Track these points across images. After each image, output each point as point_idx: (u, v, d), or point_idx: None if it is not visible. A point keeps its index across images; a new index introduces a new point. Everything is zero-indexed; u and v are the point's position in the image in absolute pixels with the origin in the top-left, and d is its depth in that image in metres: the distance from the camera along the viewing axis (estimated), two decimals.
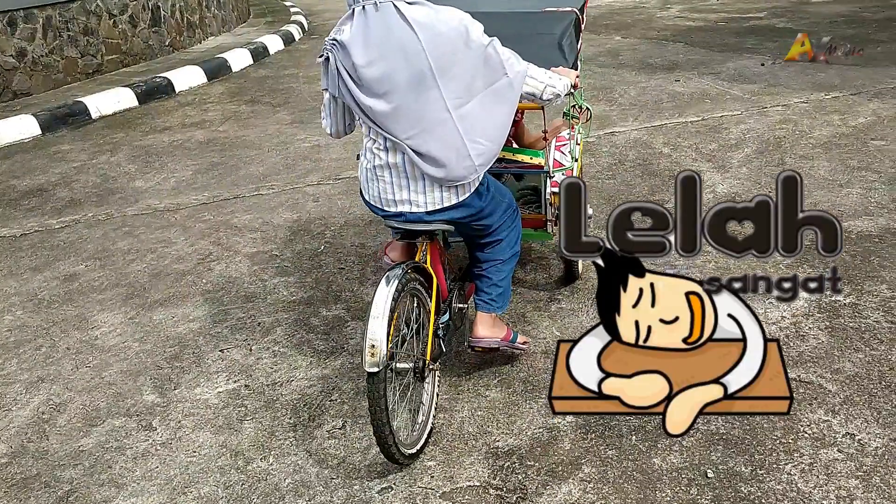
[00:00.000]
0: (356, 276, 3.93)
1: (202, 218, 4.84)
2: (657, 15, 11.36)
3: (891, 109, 5.97)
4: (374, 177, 2.62)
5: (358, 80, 2.41)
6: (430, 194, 2.56)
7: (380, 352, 2.32)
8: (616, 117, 6.30)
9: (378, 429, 2.38)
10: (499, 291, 2.89)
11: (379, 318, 2.34)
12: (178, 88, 8.27)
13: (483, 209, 2.70)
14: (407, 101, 2.41)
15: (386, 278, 2.44)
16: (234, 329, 3.51)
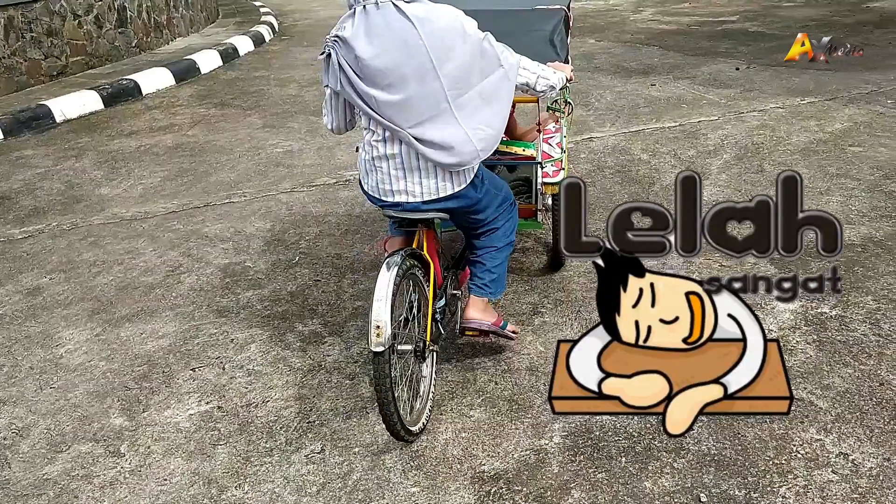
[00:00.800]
0: (332, 289, 3.81)
1: (171, 227, 4.69)
2: (630, 18, 11.36)
3: (866, 115, 5.98)
4: (373, 168, 2.72)
5: (360, 73, 2.51)
6: (426, 184, 2.67)
7: (385, 332, 2.41)
8: (593, 123, 6.24)
9: (384, 407, 2.48)
10: (492, 277, 2.97)
11: (382, 301, 2.44)
12: (145, 91, 8.08)
13: (479, 201, 2.81)
14: (409, 92, 2.51)
15: (386, 264, 2.54)
16: (205, 346, 3.38)
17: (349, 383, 3.04)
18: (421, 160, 2.63)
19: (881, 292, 3.46)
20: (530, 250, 4.06)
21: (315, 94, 7.78)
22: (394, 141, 2.61)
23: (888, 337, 3.13)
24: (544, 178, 3.37)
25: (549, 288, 3.68)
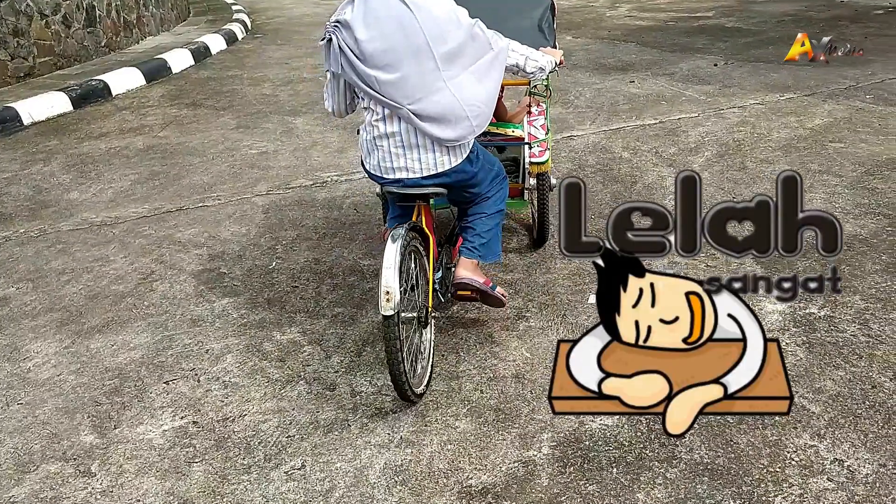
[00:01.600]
0: (311, 296, 3.70)
1: (143, 232, 4.55)
2: (607, 14, 11.32)
3: (845, 111, 5.97)
4: (374, 147, 2.89)
5: (361, 55, 2.70)
6: (425, 160, 2.85)
7: (394, 297, 2.58)
8: (573, 120, 6.17)
9: (393, 368, 2.65)
10: (482, 241, 3.12)
11: (391, 268, 2.61)
12: (115, 92, 7.89)
13: (475, 175, 3.01)
14: (407, 71, 2.71)
15: (391, 237, 2.70)
16: (179, 357, 3.26)
17: (330, 394, 2.94)
18: (419, 137, 2.82)
19: (869, 291, 3.42)
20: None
21: (289, 94, 7.65)
22: (393, 120, 2.81)
23: (878, 337, 3.08)
24: (531, 158, 3.64)
25: (534, 291, 3.60)
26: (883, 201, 4.32)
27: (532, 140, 3.64)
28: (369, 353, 3.20)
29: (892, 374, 2.85)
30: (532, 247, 4.03)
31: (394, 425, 2.74)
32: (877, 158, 4.96)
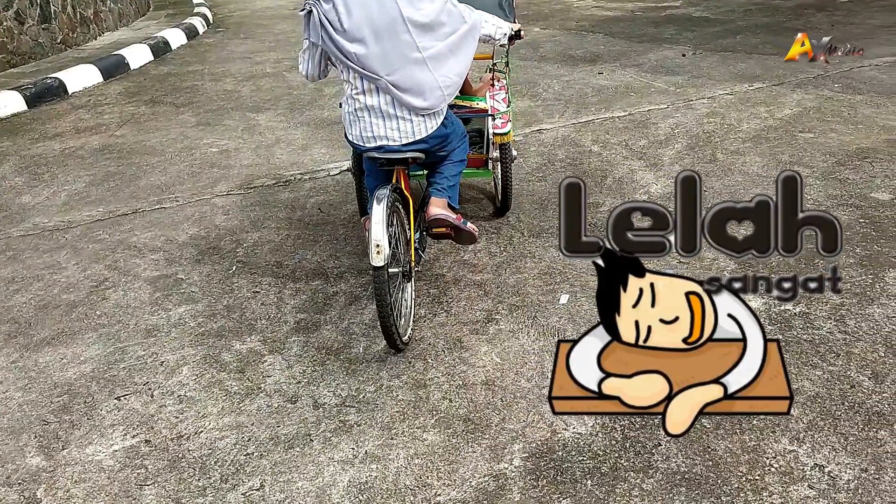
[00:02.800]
0: (273, 301, 3.55)
1: (96, 237, 4.36)
2: (574, 5, 11.22)
3: (815, 100, 5.92)
4: (356, 118, 3.09)
5: (340, 29, 2.89)
6: (403, 129, 3.07)
7: (384, 249, 2.80)
8: (542, 114, 6.07)
9: (383, 318, 2.87)
10: (450, 183, 3.36)
11: (380, 224, 2.81)
12: (71, 90, 7.63)
13: (448, 136, 3.24)
14: (383, 45, 2.91)
15: (376, 198, 2.90)
16: (132, 371, 3.10)
17: (291, 407, 2.80)
18: (397, 108, 3.04)
19: (844, 286, 3.35)
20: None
21: (252, 89, 7.45)
22: (373, 93, 3.02)
23: (854, 334, 3.01)
24: (494, 130, 3.87)
25: (504, 292, 3.48)
26: (855, 192, 4.26)
27: (495, 112, 3.86)
28: (333, 361, 3.07)
29: (871, 373, 2.78)
30: (496, 215, 4.28)
31: (358, 439, 2.62)
32: (847, 148, 4.91)
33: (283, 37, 10.11)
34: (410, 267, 3.19)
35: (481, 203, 4.47)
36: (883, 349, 2.91)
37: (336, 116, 6.35)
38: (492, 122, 3.88)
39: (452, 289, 3.55)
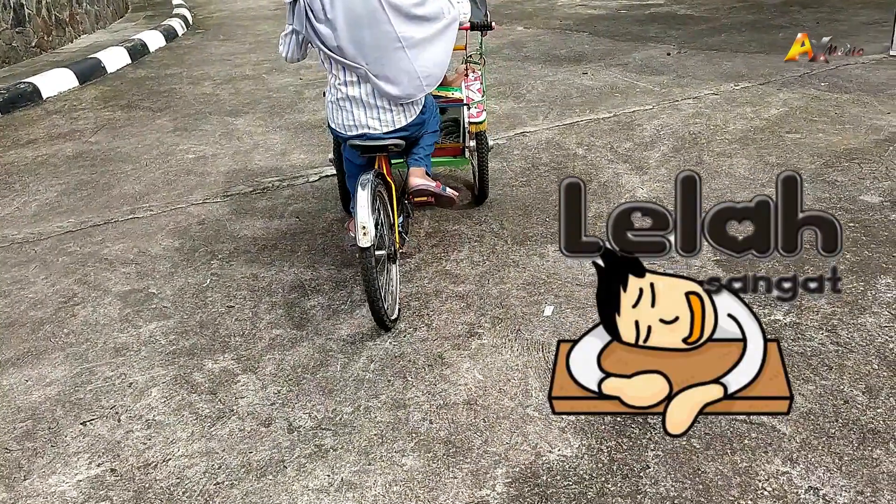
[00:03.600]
0: (248, 316, 3.43)
1: (67, 249, 4.22)
2: (558, 3, 11.13)
3: (801, 100, 5.85)
4: (339, 108, 3.23)
5: (323, 18, 3.01)
6: (384, 118, 3.22)
7: (370, 231, 2.90)
8: (525, 116, 5.96)
9: (371, 296, 3.00)
10: (425, 153, 3.52)
11: (365, 207, 2.92)
12: (45, 94, 7.46)
13: (426, 120, 3.41)
14: (364, 35, 3.03)
15: (360, 183, 3.00)
16: (99, 393, 2.97)
17: (264, 431, 2.69)
18: (377, 98, 3.17)
19: (835, 294, 3.26)
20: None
21: (230, 93, 7.31)
22: (355, 84, 3.16)
23: (847, 345, 2.92)
24: (470, 119, 3.99)
25: (487, 304, 3.38)
26: (844, 195, 4.18)
27: (470, 102, 3.98)
28: (309, 380, 2.95)
29: (864, 387, 2.69)
30: (474, 203, 4.40)
31: (334, 465, 2.50)
32: (835, 149, 4.83)
33: (263, 38, 9.97)
34: (395, 249, 3.35)
35: (461, 192, 4.48)
36: (876, 361, 2.82)
37: (316, 120, 6.22)
38: (467, 112, 4.00)
39: (434, 301, 3.44)
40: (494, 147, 5.26)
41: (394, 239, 3.32)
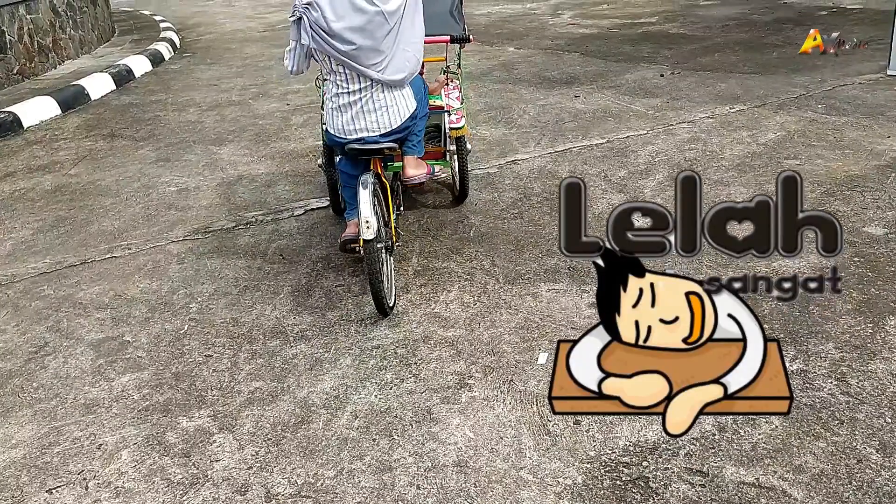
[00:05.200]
0: (226, 367, 3.26)
1: (40, 293, 4.05)
2: (549, 22, 11.03)
3: (798, 123, 5.72)
4: (339, 112, 3.52)
5: (330, 32, 3.29)
6: (382, 121, 3.52)
7: (372, 224, 3.24)
8: (517, 142, 5.82)
9: (374, 285, 3.34)
10: (417, 140, 3.84)
11: (367, 203, 3.27)
12: (26, 123, 7.29)
13: (418, 112, 3.70)
14: (367, 43, 3.33)
15: (362, 183, 3.36)
16: (67, 456, 2.79)
17: (240, 500, 2.51)
18: (376, 103, 3.49)
19: (842, 337, 3.11)
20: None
21: (216, 119, 7.16)
22: (355, 92, 3.46)
23: (858, 396, 2.77)
24: (450, 124, 4.30)
25: (477, 351, 3.22)
26: (846, 226, 4.04)
27: (450, 109, 4.29)
28: (289, 439, 2.78)
29: (878, 444, 2.53)
30: (454, 202, 4.71)
31: None
32: (835, 176, 4.70)
33: (250, 61, 9.83)
34: (392, 242, 3.67)
35: (443, 193, 4.86)
36: (889, 414, 2.66)
37: (303, 148, 6.07)
38: (447, 118, 4.29)
39: (422, 348, 3.27)
40: (485, 176, 5.12)
41: (390, 233, 3.63)
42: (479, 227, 4.42)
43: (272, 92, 8.06)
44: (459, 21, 4.31)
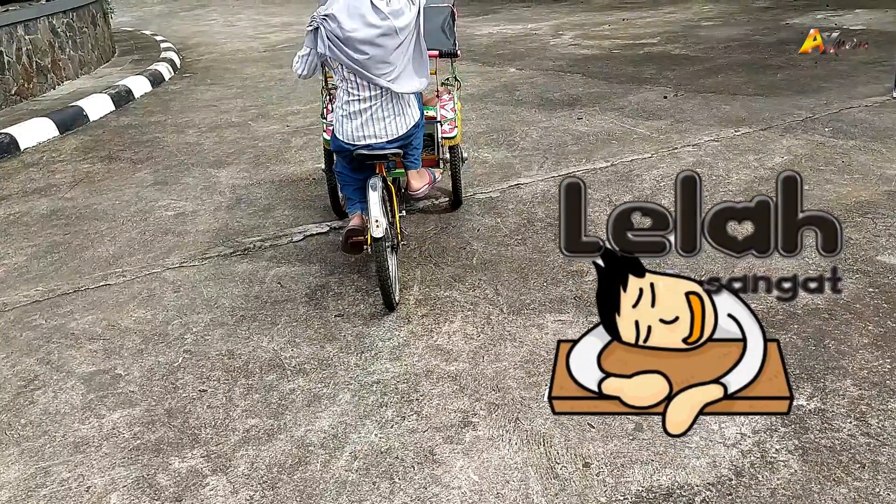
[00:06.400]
0: (221, 402, 3.15)
1: (31, 323, 3.94)
2: (550, 43, 10.98)
3: (805, 146, 5.64)
4: (349, 119, 3.73)
5: (346, 41, 3.53)
6: (389, 128, 3.75)
7: (382, 223, 3.46)
8: (519, 166, 5.73)
9: (382, 281, 3.57)
10: (417, 154, 4.10)
11: (377, 204, 3.49)
12: (23, 145, 7.21)
13: (419, 124, 3.95)
14: (379, 53, 3.57)
15: (371, 186, 3.56)
16: (54, 500, 2.67)
17: None
18: (385, 111, 3.72)
19: (860, 373, 3.00)
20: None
21: (214, 141, 7.08)
22: (365, 99, 3.69)
23: (879, 437, 2.65)
24: (443, 134, 4.53)
25: (482, 387, 3.10)
26: (859, 255, 3.94)
27: (443, 119, 4.52)
28: (286, 482, 2.66)
29: None
30: (450, 208, 4.94)
31: None
32: (845, 202, 4.61)
33: (250, 82, 9.77)
34: (398, 241, 3.91)
35: (438, 200, 5.06)
36: None
37: (303, 172, 5.99)
38: (440, 128, 4.51)
39: (424, 383, 3.16)
40: (488, 201, 5.03)
41: (395, 233, 3.83)
42: (481, 253, 4.32)
43: (272, 113, 7.99)
44: (450, 37, 4.55)
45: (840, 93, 7.01)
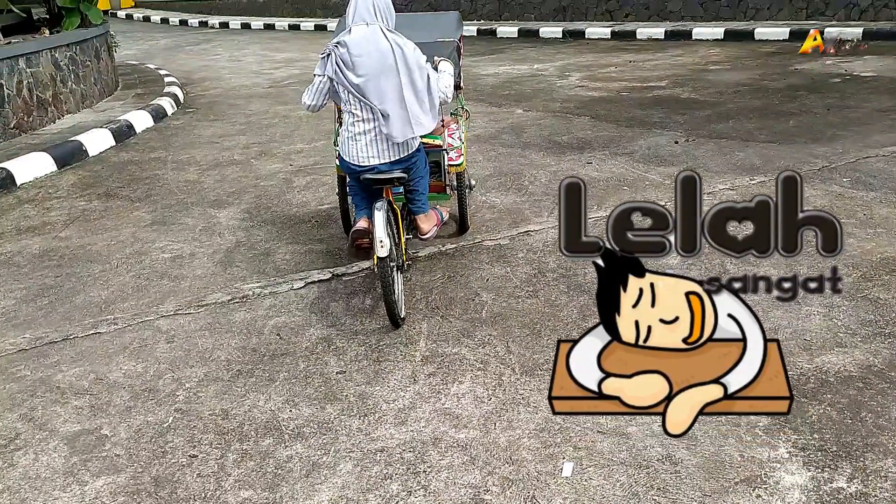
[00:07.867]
0: (212, 471, 2.92)
1: (16, 374, 3.73)
2: (557, 84, 10.89)
3: (824, 197, 5.47)
4: (353, 141, 3.92)
5: (350, 66, 3.81)
6: (392, 151, 3.93)
7: (386, 244, 3.60)
8: (529, 211, 5.55)
9: (387, 298, 3.71)
10: (423, 199, 4.28)
11: (381, 225, 3.64)
12: (20, 180, 7.05)
13: (418, 161, 4.12)
14: (379, 81, 3.82)
15: (377, 208, 3.71)
16: None
17: None
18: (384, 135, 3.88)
19: None
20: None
21: (216, 180, 6.92)
22: (371, 120, 3.88)
23: None
24: (449, 161, 4.72)
25: (494, 458, 2.88)
26: (890, 316, 3.75)
27: (449, 147, 4.72)
28: None
29: None
30: (457, 233, 5.07)
31: None
32: (870, 258, 4.42)
33: (254, 118, 9.64)
34: (403, 261, 4.05)
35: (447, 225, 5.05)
36: None
37: (305, 213, 5.81)
38: (447, 156, 4.68)
39: (432, 452, 2.94)
40: (497, 248, 4.85)
41: (401, 253, 3.99)
42: (491, 305, 4.13)
43: (275, 151, 7.84)
44: (455, 67, 4.66)
45: (855, 141, 6.86)
